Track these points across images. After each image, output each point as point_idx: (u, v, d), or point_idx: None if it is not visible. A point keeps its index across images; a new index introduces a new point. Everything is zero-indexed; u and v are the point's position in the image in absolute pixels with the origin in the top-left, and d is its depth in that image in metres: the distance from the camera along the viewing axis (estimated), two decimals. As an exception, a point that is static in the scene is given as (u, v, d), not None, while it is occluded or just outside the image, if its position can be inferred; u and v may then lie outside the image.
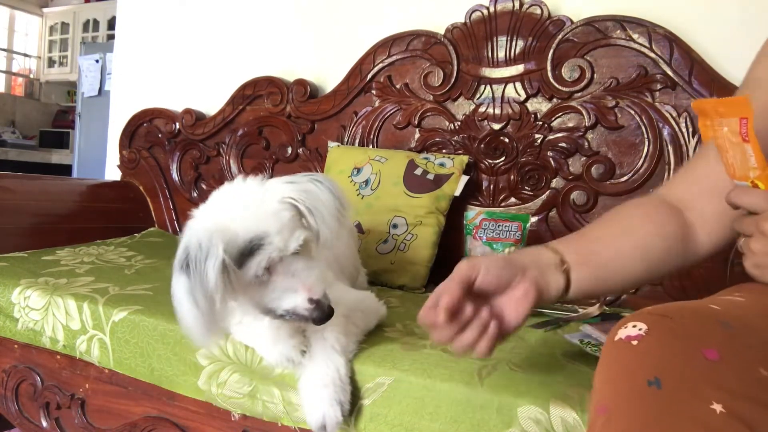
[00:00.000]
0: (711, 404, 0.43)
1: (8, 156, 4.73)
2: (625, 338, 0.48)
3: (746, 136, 0.66)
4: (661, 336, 0.47)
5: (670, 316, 0.49)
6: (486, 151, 1.44)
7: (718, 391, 0.43)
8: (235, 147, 1.79)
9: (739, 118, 0.68)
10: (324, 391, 0.75)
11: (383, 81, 1.59)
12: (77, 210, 1.65)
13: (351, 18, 1.72)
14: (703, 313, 0.51)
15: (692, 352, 0.45)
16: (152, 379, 0.95)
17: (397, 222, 1.38)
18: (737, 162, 0.68)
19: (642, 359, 0.47)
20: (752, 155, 0.66)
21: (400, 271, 1.35)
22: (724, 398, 0.43)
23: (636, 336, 0.48)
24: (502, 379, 0.72)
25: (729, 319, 0.49)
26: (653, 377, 0.45)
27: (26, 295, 1.09)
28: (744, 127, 0.67)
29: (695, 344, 0.46)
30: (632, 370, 0.46)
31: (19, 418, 1.15)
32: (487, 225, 1.13)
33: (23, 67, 5.88)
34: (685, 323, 0.48)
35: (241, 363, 0.86)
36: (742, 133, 0.67)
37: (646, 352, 0.47)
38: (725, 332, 0.47)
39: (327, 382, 0.76)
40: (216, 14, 1.95)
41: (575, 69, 1.35)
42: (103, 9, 5.28)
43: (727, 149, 0.68)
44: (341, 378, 0.76)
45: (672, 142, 1.28)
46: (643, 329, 0.48)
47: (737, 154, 0.67)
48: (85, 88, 4.32)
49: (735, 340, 0.47)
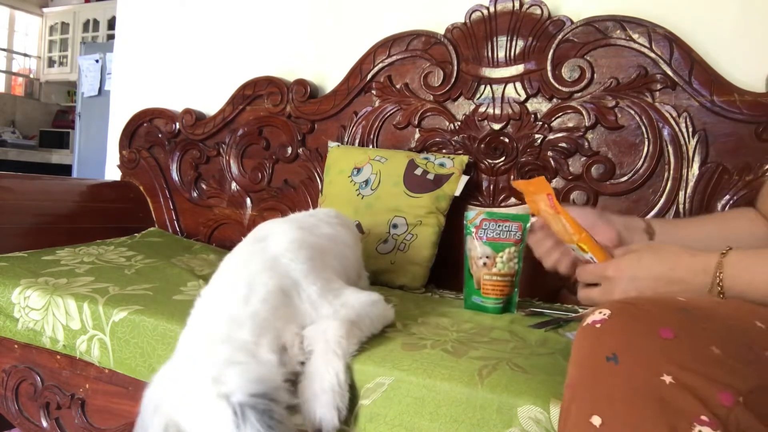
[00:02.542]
0: (662, 376, 0.46)
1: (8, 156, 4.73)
2: (591, 323, 0.53)
3: (555, 208, 0.78)
4: (621, 319, 0.52)
5: (633, 303, 0.53)
6: (486, 151, 1.44)
7: (669, 365, 0.47)
8: (235, 147, 1.79)
9: (546, 194, 0.80)
10: (323, 397, 0.75)
11: (383, 81, 1.59)
12: (77, 210, 1.65)
13: (351, 18, 1.72)
14: (666, 301, 0.55)
15: (648, 331, 0.49)
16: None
17: (397, 222, 1.38)
18: (560, 231, 0.78)
19: (602, 339, 0.51)
20: (566, 224, 0.77)
21: (400, 271, 1.35)
22: (675, 371, 0.46)
23: (600, 320, 0.52)
24: (502, 379, 0.72)
25: (690, 307, 0.53)
26: (611, 354, 0.49)
27: (26, 295, 1.09)
28: (551, 201, 0.79)
29: (652, 325, 0.50)
30: (593, 349, 0.51)
31: (19, 418, 1.15)
32: (487, 225, 1.12)
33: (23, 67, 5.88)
34: (645, 308, 0.52)
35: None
36: (552, 206, 0.79)
37: (607, 333, 0.51)
38: (683, 316, 0.51)
39: (326, 388, 0.75)
40: (216, 14, 1.95)
41: (575, 69, 1.35)
42: (103, 9, 5.29)
43: (550, 221, 0.79)
44: (340, 384, 0.76)
45: (672, 142, 1.28)
46: (606, 314, 0.52)
47: (557, 224, 0.78)
48: (85, 88, 4.32)
49: (692, 323, 0.51)
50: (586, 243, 0.75)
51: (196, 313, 0.81)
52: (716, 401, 0.45)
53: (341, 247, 1.05)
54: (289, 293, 0.84)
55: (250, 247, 0.91)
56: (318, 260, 0.91)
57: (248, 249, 0.91)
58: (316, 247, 0.94)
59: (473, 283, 1.14)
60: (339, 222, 1.13)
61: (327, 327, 0.81)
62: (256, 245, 0.91)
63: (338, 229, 1.08)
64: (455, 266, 1.24)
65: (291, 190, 1.71)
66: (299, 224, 0.99)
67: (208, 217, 1.83)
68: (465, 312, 1.11)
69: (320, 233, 1.01)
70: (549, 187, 0.80)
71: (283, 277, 0.84)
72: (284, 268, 0.86)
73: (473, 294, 1.14)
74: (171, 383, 0.72)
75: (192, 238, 1.82)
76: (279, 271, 0.85)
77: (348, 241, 1.10)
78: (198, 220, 1.85)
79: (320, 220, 1.08)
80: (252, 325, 0.77)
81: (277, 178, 1.73)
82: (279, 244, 0.90)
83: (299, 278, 0.86)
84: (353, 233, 1.19)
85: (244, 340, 0.75)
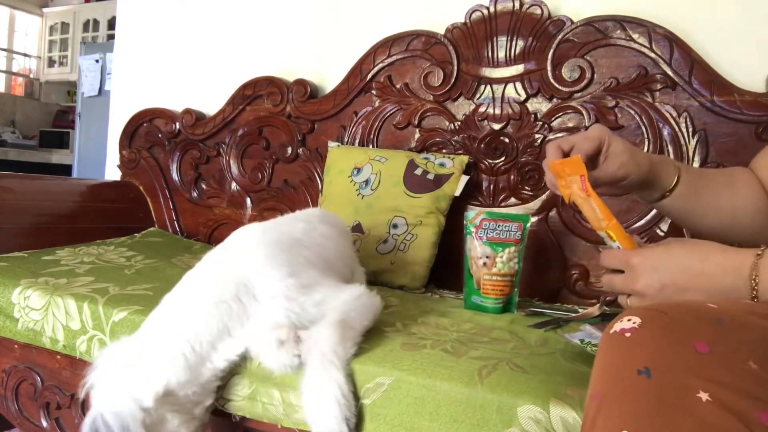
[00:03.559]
0: (698, 393, 0.44)
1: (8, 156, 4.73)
2: (620, 331, 0.50)
3: (587, 191, 0.74)
4: (653, 329, 0.49)
5: (664, 311, 0.50)
6: (486, 151, 1.44)
7: (705, 382, 0.44)
8: (235, 147, 1.79)
9: (579, 176, 0.75)
10: (329, 411, 0.73)
11: (383, 81, 1.59)
12: (77, 210, 1.65)
13: (351, 18, 1.72)
14: (699, 309, 0.52)
15: (683, 344, 0.47)
16: (152, 379, 0.95)
17: (397, 222, 1.38)
18: (591, 215, 0.74)
19: (633, 350, 0.48)
20: (596, 208, 0.73)
21: (400, 272, 1.35)
22: (711, 388, 0.44)
23: (630, 329, 0.50)
24: (502, 379, 0.72)
25: (723, 316, 0.50)
26: (643, 367, 0.46)
27: (26, 295, 1.09)
28: (584, 184, 0.75)
29: (686, 337, 0.47)
30: (624, 360, 0.48)
31: (19, 418, 1.15)
32: (487, 225, 1.13)
33: (23, 67, 5.88)
34: (678, 318, 0.49)
35: (241, 366, 0.86)
36: (584, 189, 0.74)
37: (638, 344, 0.48)
38: (718, 327, 0.49)
39: (330, 401, 0.73)
40: (216, 14, 1.95)
41: (575, 69, 1.35)
42: (103, 9, 5.29)
43: (582, 205, 0.75)
44: (344, 395, 0.74)
45: (672, 142, 1.28)
46: (637, 322, 0.50)
47: (588, 209, 0.74)
48: (85, 88, 4.32)
49: (727, 335, 0.48)
50: (615, 231, 0.71)
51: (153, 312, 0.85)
52: (756, 420, 0.43)
53: (320, 241, 1.04)
54: (239, 292, 0.84)
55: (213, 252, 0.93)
56: (281, 254, 0.90)
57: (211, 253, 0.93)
58: (282, 242, 0.94)
59: (473, 283, 1.14)
60: (319, 218, 1.13)
61: (319, 337, 0.79)
62: (219, 249, 0.93)
63: (316, 225, 1.08)
64: (455, 266, 1.24)
65: (291, 190, 1.71)
66: (265, 225, 1.00)
67: (208, 217, 1.83)
68: (465, 312, 1.11)
69: (289, 229, 1.01)
70: (584, 168, 0.75)
71: (236, 275, 0.85)
72: (237, 266, 0.87)
73: (473, 294, 1.14)
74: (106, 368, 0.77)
75: (192, 238, 1.82)
76: (232, 268, 0.86)
77: (330, 235, 1.09)
78: (198, 220, 1.85)
79: (296, 219, 1.09)
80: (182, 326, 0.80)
81: (277, 178, 1.73)
82: (237, 244, 0.93)
83: (252, 275, 0.85)
84: (337, 228, 1.18)
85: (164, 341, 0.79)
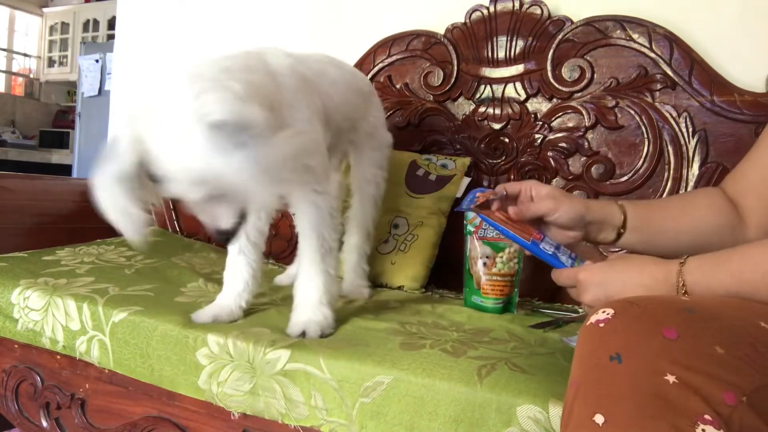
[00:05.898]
0: (665, 376, 0.47)
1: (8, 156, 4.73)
2: (595, 322, 0.53)
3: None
4: (625, 318, 0.52)
5: (637, 303, 0.54)
6: (486, 151, 1.44)
7: (672, 365, 0.47)
8: (235, 147, 1.79)
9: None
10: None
11: (383, 81, 1.59)
12: (77, 210, 1.65)
13: (351, 18, 1.72)
14: (670, 300, 0.56)
15: (652, 331, 0.50)
16: (152, 379, 0.95)
17: (398, 222, 1.38)
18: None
19: (606, 338, 0.52)
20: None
21: (401, 272, 1.35)
22: (678, 370, 0.47)
23: (604, 319, 0.53)
24: (501, 379, 0.72)
25: (695, 307, 0.53)
26: (615, 353, 0.50)
27: (26, 295, 1.09)
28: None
29: (656, 325, 0.50)
30: (597, 348, 0.52)
31: (19, 418, 1.15)
32: (486, 225, 1.13)
33: (23, 67, 5.88)
34: (649, 308, 0.52)
35: (243, 360, 0.86)
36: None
37: (611, 332, 0.52)
38: (687, 315, 0.51)
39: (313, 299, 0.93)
40: (216, 14, 1.94)
41: (575, 69, 1.35)
42: (103, 9, 5.29)
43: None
44: (329, 324, 0.93)
45: (672, 142, 1.28)
46: (610, 314, 0.53)
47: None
48: (85, 88, 4.32)
49: (696, 322, 0.51)
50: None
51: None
52: (720, 400, 0.45)
53: (324, 82, 1.07)
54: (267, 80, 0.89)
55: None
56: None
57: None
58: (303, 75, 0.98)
59: (473, 283, 1.14)
60: (330, 62, 1.17)
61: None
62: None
63: (327, 68, 1.12)
64: (455, 266, 1.24)
65: (291, 190, 1.71)
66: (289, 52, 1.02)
67: (208, 217, 1.82)
68: (465, 312, 1.11)
69: (309, 65, 1.04)
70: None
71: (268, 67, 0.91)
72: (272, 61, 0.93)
73: (473, 294, 1.15)
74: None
75: (192, 238, 1.82)
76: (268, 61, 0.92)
77: (336, 79, 1.12)
78: (198, 219, 1.84)
79: (329, 63, 1.15)
80: (244, 82, 0.77)
81: (277, 178, 1.73)
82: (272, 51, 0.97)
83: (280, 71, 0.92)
84: (347, 73, 1.22)
85: (235, 89, 0.74)
